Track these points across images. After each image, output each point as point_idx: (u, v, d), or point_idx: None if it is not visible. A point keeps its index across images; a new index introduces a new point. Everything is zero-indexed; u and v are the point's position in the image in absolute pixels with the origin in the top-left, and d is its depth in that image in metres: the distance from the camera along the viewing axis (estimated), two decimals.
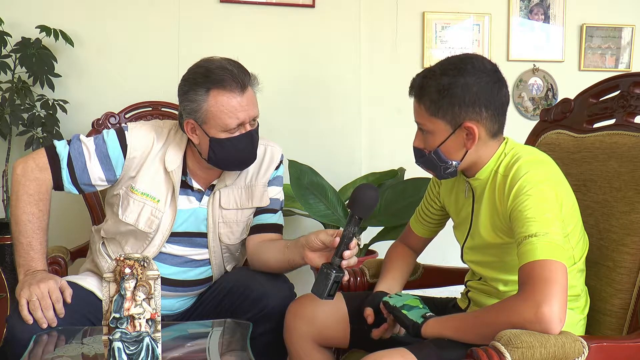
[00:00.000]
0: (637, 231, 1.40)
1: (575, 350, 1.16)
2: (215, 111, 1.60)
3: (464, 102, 1.34)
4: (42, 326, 1.49)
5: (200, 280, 1.79)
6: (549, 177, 1.34)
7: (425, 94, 1.39)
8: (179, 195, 1.70)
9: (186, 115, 1.64)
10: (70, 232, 2.11)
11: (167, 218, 1.70)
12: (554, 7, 3.07)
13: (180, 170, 1.70)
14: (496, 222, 1.39)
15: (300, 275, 2.84)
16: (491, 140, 1.40)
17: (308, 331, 1.56)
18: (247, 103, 1.63)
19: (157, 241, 1.71)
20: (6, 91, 2.43)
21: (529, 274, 1.21)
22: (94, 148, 1.68)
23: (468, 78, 1.34)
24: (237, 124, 1.62)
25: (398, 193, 2.60)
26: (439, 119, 1.38)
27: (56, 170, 1.66)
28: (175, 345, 1.44)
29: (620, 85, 1.58)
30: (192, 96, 1.61)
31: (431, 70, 1.40)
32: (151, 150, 1.69)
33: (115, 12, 2.67)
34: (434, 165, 1.44)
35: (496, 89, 1.37)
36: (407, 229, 1.74)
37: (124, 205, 1.70)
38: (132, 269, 1.20)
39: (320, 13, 2.86)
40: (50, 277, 1.58)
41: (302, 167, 2.50)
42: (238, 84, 1.61)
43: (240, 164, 1.71)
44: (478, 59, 1.38)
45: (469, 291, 1.57)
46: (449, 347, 1.28)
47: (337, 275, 1.41)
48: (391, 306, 1.44)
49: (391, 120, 2.98)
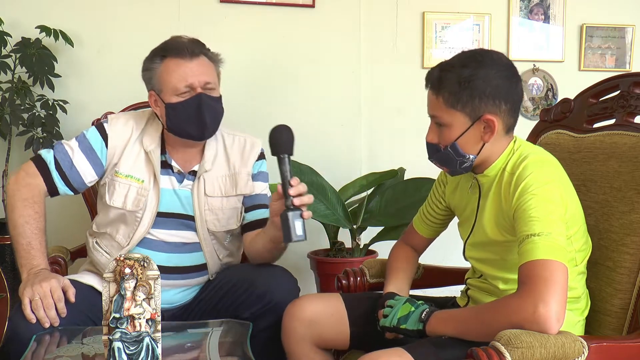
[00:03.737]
0: (637, 231, 1.40)
1: (575, 350, 1.16)
2: (167, 76, 1.71)
3: (484, 94, 1.33)
4: (45, 325, 1.49)
5: (194, 267, 1.79)
6: (555, 178, 1.34)
7: (444, 85, 1.35)
8: (161, 175, 1.77)
9: (148, 88, 1.77)
10: (70, 232, 2.11)
11: (152, 197, 1.75)
12: (554, 7, 3.07)
13: (158, 149, 1.78)
14: (500, 220, 1.38)
15: (300, 275, 2.84)
16: (504, 136, 1.40)
17: (307, 333, 1.55)
18: (197, 69, 1.72)
19: (145, 221, 1.74)
20: (6, 91, 2.44)
21: (529, 273, 1.21)
22: (77, 145, 1.76)
23: (489, 70, 1.34)
24: (186, 86, 1.70)
25: (398, 193, 2.60)
26: (457, 111, 1.35)
27: (47, 175, 1.72)
28: (175, 345, 1.44)
29: (620, 85, 1.58)
30: (149, 65, 1.75)
31: (449, 63, 1.38)
32: (131, 136, 1.78)
33: (115, 12, 2.67)
34: (450, 160, 1.42)
35: (514, 83, 1.38)
36: (410, 228, 1.74)
37: (111, 191, 1.76)
38: (132, 269, 1.20)
39: (320, 13, 2.86)
40: (52, 276, 1.59)
41: (302, 167, 2.50)
42: (187, 51, 1.72)
43: (197, 129, 1.74)
44: (496, 53, 1.38)
45: (469, 289, 1.56)
46: (447, 346, 1.28)
47: (293, 214, 1.46)
48: (389, 327, 1.43)
49: (391, 120, 2.98)
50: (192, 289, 1.82)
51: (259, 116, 2.82)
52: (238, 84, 2.81)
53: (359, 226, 2.61)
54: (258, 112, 2.83)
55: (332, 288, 1.85)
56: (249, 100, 2.82)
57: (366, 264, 1.81)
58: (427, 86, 1.41)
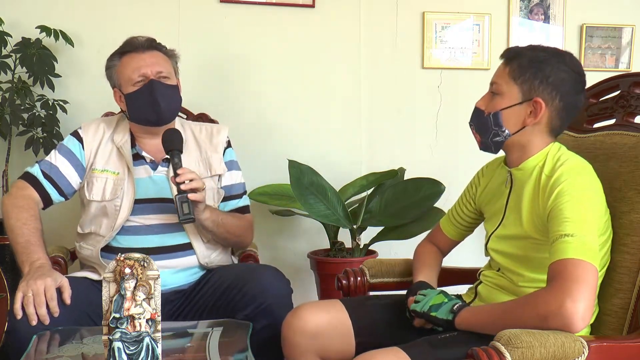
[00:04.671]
0: (637, 231, 1.40)
1: (575, 350, 1.16)
2: (123, 69, 1.87)
3: (546, 80, 1.39)
4: (32, 323, 1.50)
5: (179, 247, 1.83)
6: (594, 185, 1.36)
7: (517, 58, 1.42)
8: (134, 167, 1.87)
9: (111, 85, 1.93)
10: (70, 232, 2.11)
11: (128, 186, 1.84)
12: (554, 7, 3.07)
13: (128, 143, 1.90)
14: (534, 218, 1.39)
15: (300, 275, 2.85)
16: (547, 134, 1.43)
17: (311, 346, 1.52)
18: (149, 59, 1.87)
19: (125, 209, 1.82)
20: (6, 91, 2.44)
21: (559, 270, 1.21)
22: (56, 153, 1.89)
23: (561, 64, 1.40)
24: (140, 76, 1.84)
25: (398, 193, 2.60)
26: (516, 84, 1.41)
27: (38, 186, 1.84)
28: (175, 345, 1.44)
29: (620, 85, 1.58)
30: (109, 64, 1.91)
31: (533, 45, 1.45)
32: (103, 136, 1.92)
33: (115, 12, 2.67)
34: (486, 129, 1.45)
35: (578, 88, 1.42)
36: (437, 229, 1.75)
37: (90, 187, 1.86)
38: (132, 269, 1.20)
39: (320, 13, 2.86)
40: (50, 273, 1.60)
41: (302, 167, 2.50)
42: (139, 46, 1.88)
43: (152, 113, 1.86)
44: (577, 60, 1.44)
45: (480, 283, 1.56)
46: (444, 346, 1.29)
47: (180, 197, 1.70)
48: (420, 312, 1.44)
49: (391, 120, 2.98)
50: (185, 273, 1.84)
51: (259, 116, 2.83)
52: (238, 83, 2.82)
53: (359, 226, 2.61)
54: (258, 112, 2.83)
55: (332, 288, 1.85)
56: (248, 100, 2.82)
57: (366, 264, 1.81)
58: (502, 56, 1.46)
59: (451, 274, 1.79)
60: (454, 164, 2.94)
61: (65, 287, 1.58)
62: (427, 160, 2.98)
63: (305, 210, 2.46)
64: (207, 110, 2.39)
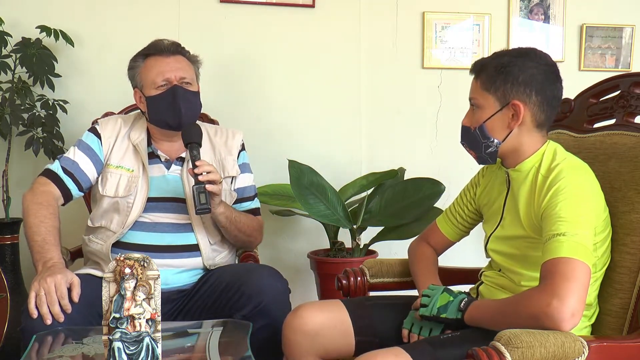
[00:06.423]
0: (637, 231, 1.41)
1: (575, 350, 1.16)
2: (146, 71, 1.89)
3: (517, 81, 1.40)
4: (46, 322, 1.51)
5: (186, 247, 1.84)
6: (590, 184, 1.37)
7: (484, 70, 1.45)
8: (149, 165, 1.89)
9: (133, 85, 1.95)
10: (70, 232, 2.11)
11: (142, 183, 1.86)
12: (554, 7, 3.07)
13: (145, 142, 1.93)
14: (532, 219, 1.40)
15: (300, 275, 2.85)
16: (536, 130, 1.44)
17: (311, 346, 1.53)
18: (174, 64, 1.89)
19: (137, 206, 1.83)
20: (6, 91, 2.43)
21: (550, 269, 1.22)
22: (76, 149, 1.91)
23: (527, 61, 1.42)
24: (163, 80, 1.87)
25: (398, 193, 2.60)
26: (490, 94, 1.43)
27: (59, 182, 1.85)
28: (175, 345, 1.44)
29: (620, 85, 1.58)
30: (132, 64, 1.93)
31: (496, 53, 1.48)
32: (119, 132, 1.94)
33: (115, 12, 2.67)
34: (477, 143, 1.47)
35: (551, 79, 1.43)
36: (433, 227, 1.74)
37: (104, 182, 1.88)
38: (132, 269, 1.20)
39: (320, 13, 2.85)
40: (60, 271, 1.60)
41: (302, 167, 2.50)
42: (165, 49, 1.90)
43: (173, 118, 1.87)
44: (542, 52, 1.46)
45: (482, 283, 1.57)
46: (444, 346, 1.29)
47: (197, 187, 1.72)
48: (429, 316, 1.44)
49: (391, 120, 2.98)
50: (188, 273, 1.85)
51: (259, 116, 2.83)
52: (238, 83, 2.82)
53: (359, 226, 2.61)
54: (258, 112, 2.83)
55: (332, 288, 1.85)
56: (248, 99, 2.82)
57: (366, 264, 1.81)
58: (471, 72, 1.49)
59: (452, 275, 1.79)
60: (454, 164, 2.93)
61: (75, 284, 1.58)
62: (427, 160, 2.98)
63: (305, 210, 2.46)
64: (206, 110, 2.39)
